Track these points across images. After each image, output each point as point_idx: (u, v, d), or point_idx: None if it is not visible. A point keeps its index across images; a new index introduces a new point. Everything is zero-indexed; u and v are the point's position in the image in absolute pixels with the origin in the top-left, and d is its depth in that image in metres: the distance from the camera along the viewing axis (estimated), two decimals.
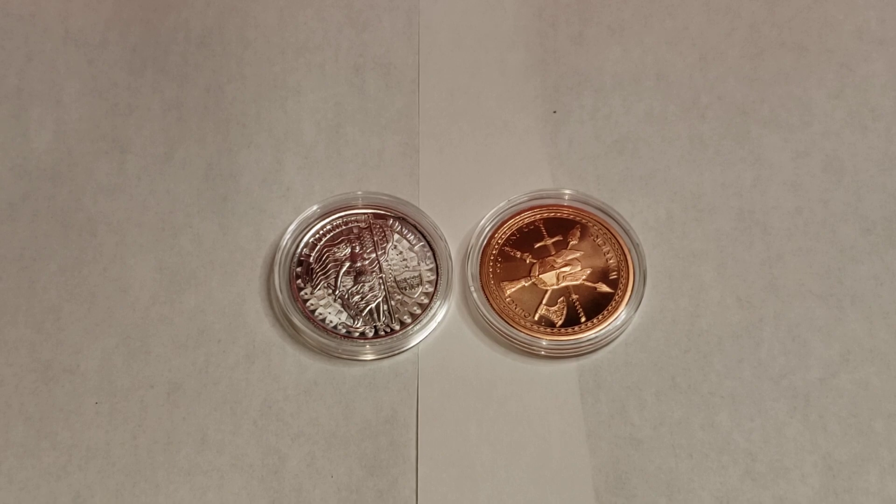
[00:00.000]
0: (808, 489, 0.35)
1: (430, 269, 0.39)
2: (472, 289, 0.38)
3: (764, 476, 0.35)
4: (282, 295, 0.38)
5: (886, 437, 0.36)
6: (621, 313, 0.37)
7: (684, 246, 0.39)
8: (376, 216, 0.40)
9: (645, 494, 0.35)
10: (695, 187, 0.40)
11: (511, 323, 0.37)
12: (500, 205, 0.40)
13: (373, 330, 0.38)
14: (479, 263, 0.38)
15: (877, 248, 0.39)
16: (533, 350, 0.37)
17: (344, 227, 0.39)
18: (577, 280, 0.38)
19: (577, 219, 0.39)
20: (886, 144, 0.41)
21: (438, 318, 0.38)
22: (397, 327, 0.38)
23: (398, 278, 0.39)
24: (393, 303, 0.38)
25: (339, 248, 0.39)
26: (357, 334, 0.38)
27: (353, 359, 0.37)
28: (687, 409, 0.36)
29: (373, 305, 0.38)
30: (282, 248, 0.39)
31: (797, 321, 0.38)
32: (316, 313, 0.38)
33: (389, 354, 0.37)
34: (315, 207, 0.39)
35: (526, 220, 0.39)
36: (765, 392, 0.37)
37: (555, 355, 0.37)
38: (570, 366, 0.37)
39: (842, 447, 0.36)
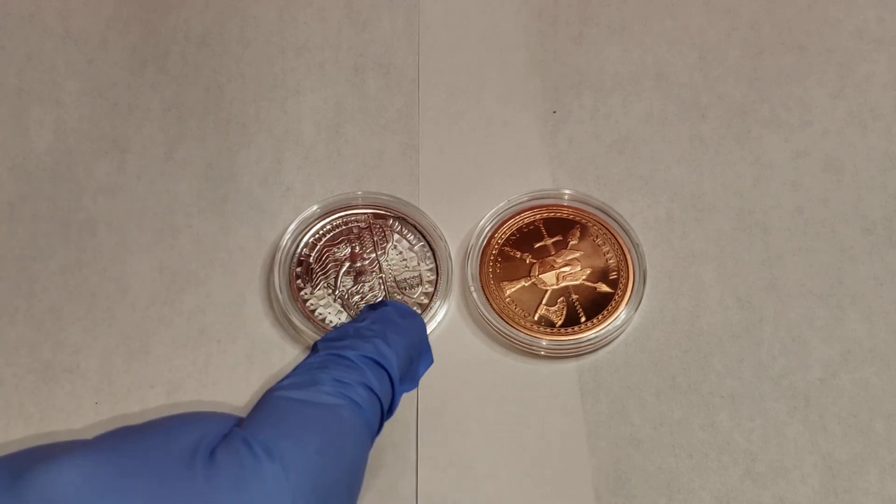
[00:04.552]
0: (808, 489, 0.35)
1: (430, 269, 0.39)
2: (472, 289, 0.38)
3: (764, 476, 0.35)
4: (282, 295, 0.38)
5: (886, 437, 0.36)
6: (621, 313, 0.37)
7: (684, 246, 0.39)
8: (376, 216, 0.40)
9: (645, 494, 0.35)
10: (695, 187, 0.40)
11: (511, 323, 0.37)
12: (500, 205, 0.40)
13: None
14: (479, 263, 0.38)
15: (877, 248, 0.39)
16: (533, 350, 0.37)
17: (344, 227, 0.39)
18: (576, 280, 0.38)
19: (577, 219, 0.39)
20: (886, 144, 0.41)
21: (438, 318, 0.38)
22: None
23: (398, 278, 0.39)
24: None
25: (339, 248, 0.39)
26: None
27: None
28: (687, 409, 0.36)
29: None
30: (282, 248, 0.39)
31: (797, 321, 0.38)
32: (316, 313, 0.38)
33: None
34: (315, 207, 0.39)
35: (526, 220, 0.39)
36: (765, 392, 0.37)
37: (555, 355, 0.37)
38: (570, 366, 0.37)
39: (842, 447, 0.36)
